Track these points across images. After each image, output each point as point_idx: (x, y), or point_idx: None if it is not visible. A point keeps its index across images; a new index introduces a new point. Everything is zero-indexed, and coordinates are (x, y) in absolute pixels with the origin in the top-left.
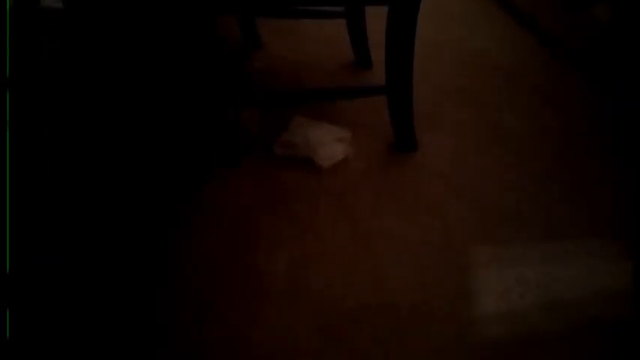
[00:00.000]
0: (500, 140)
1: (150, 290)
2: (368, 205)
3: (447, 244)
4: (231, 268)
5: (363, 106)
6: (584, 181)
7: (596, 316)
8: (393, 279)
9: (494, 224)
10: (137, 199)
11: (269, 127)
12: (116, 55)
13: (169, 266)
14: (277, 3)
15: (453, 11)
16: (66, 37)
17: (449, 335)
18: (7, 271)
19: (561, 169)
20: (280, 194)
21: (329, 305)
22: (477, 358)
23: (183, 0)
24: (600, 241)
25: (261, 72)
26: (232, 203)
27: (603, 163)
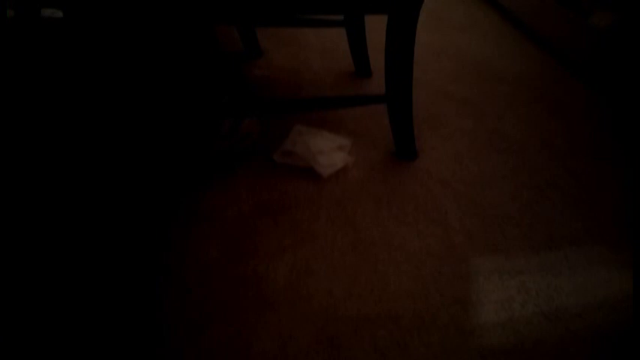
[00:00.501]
0: (500, 147)
1: (149, 299)
2: (368, 213)
3: (447, 252)
4: (231, 275)
5: (363, 115)
6: (585, 187)
7: (596, 324)
8: (393, 287)
9: (495, 231)
10: (138, 201)
11: (269, 135)
12: (115, 61)
13: (169, 274)
14: (276, 11)
15: (454, 19)
16: (66, 45)
17: (450, 343)
18: None
19: (562, 175)
20: (280, 201)
21: (329, 313)
22: None
23: (181, 10)
24: (600, 247)
25: (260, 79)
26: (232, 210)
27: (604, 170)
